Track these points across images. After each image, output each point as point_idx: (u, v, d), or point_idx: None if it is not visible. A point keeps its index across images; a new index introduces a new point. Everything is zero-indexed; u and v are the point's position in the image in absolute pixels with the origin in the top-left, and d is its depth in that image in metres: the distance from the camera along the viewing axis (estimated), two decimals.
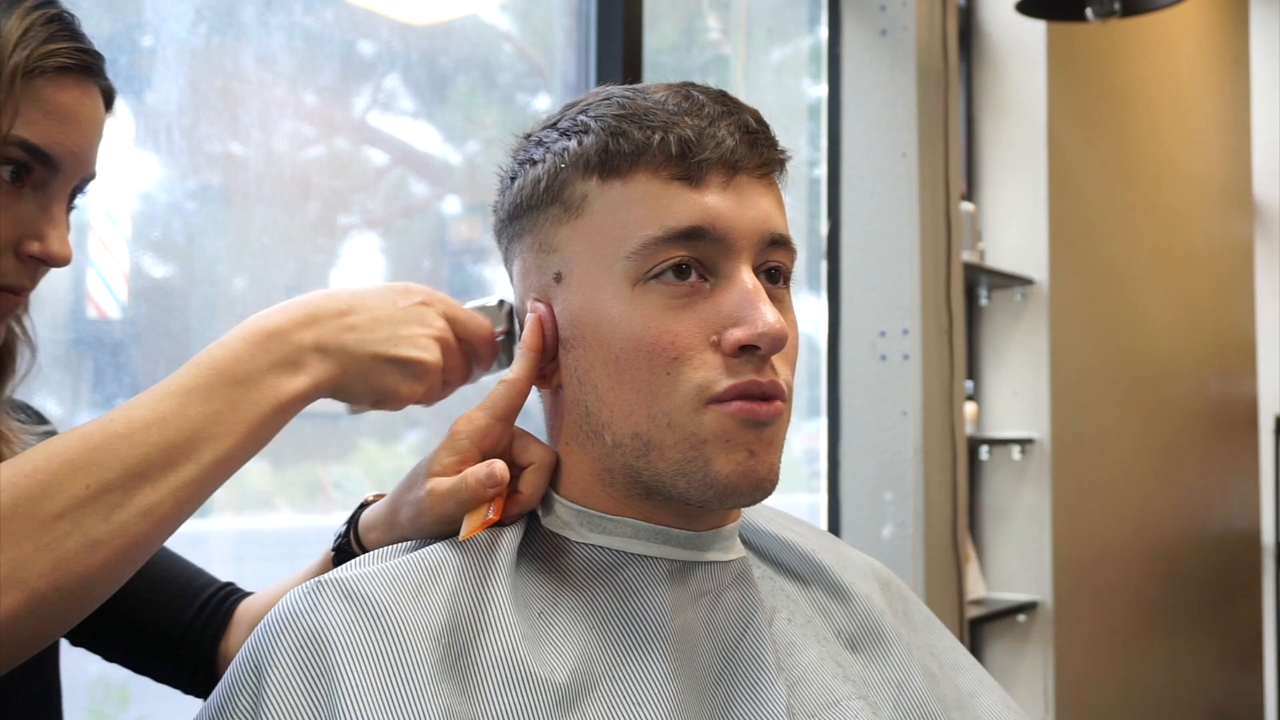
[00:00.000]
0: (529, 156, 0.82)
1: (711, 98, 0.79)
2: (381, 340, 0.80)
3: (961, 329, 2.64)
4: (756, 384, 0.74)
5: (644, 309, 0.75)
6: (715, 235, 0.75)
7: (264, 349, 0.77)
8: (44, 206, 0.81)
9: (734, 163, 0.77)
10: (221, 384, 0.75)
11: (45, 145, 0.79)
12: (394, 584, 0.73)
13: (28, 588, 0.67)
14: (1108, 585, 3.19)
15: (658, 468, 0.76)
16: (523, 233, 0.82)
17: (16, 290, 0.83)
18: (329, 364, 0.78)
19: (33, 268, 0.82)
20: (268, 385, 0.76)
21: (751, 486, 0.76)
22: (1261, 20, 4.70)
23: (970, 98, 2.99)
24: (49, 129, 0.79)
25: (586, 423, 0.78)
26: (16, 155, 0.79)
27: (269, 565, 1.69)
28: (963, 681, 0.90)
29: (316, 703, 0.68)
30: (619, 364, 0.76)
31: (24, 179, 0.80)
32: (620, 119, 0.77)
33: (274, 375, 0.77)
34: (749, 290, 0.75)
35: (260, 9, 1.64)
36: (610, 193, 0.77)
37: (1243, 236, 4.37)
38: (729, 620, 0.79)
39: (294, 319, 0.79)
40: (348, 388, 0.80)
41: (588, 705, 0.72)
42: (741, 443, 0.75)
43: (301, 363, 0.78)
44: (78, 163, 0.82)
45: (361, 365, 0.79)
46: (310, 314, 0.79)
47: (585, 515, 0.80)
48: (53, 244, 0.81)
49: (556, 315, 0.79)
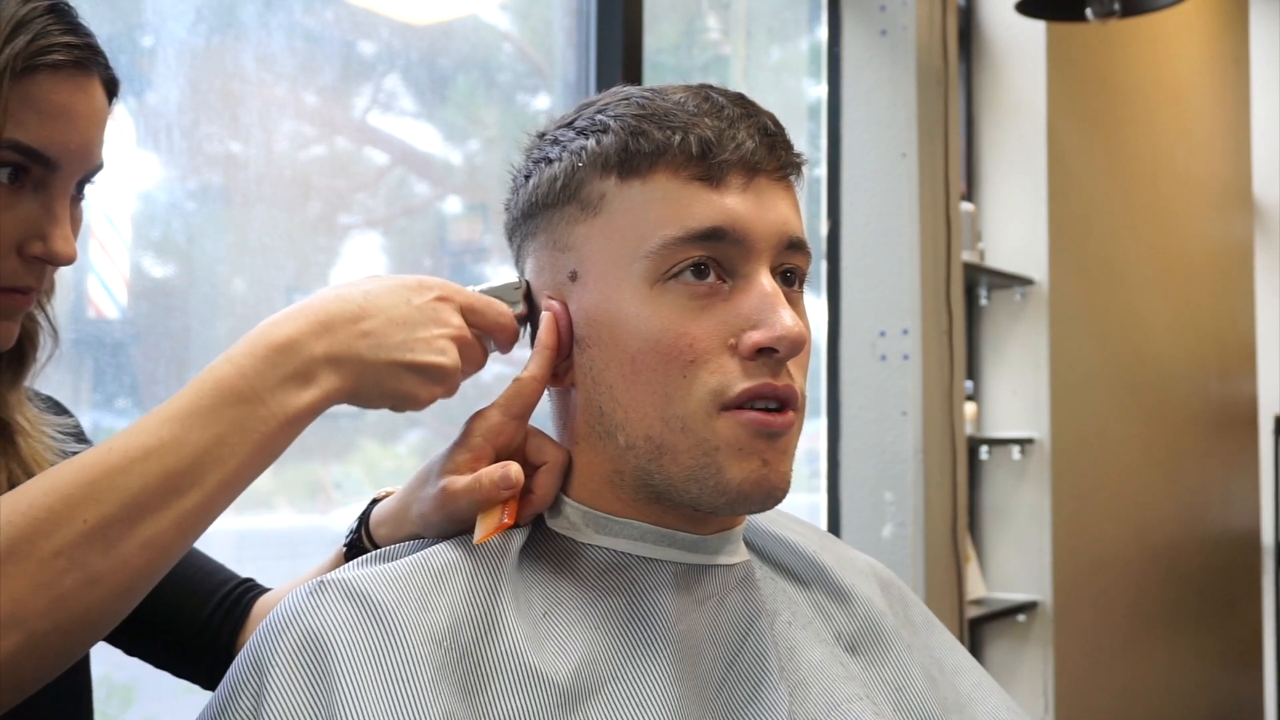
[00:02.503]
0: (544, 155, 0.81)
1: (731, 100, 0.79)
2: (397, 346, 0.76)
3: (961, 329, 2.64)
4: (771, 387, 0.74)
5: (662, 309, 0.75)
6: (735, 236, 0.75)
7: (272, 363, 0.73)
8: (46, 206, 0.80)
9: (754, 165, 0.76)
10: (226, 404, 0.71)
11: (40, 146, 0.78)
12: (397, 585, 0.73)
13: (26, 628, 0.65)
14: (1108, 585, 3.19)
15: (670, 472, 0.76)
16: (537, 231, 0.81)
17: (23, 291, 0.81)
18: (342, 374, 0.74)
19: (38, 268, 0.81)
20: (276, 401, 0.72)
21: (764, 494, 0.75)
22: (1261, 20, 4.70)
23: (970, 98, 2.99)
24: (44, 129, 0.78)
25: (600, 423, 0.78)
26: (11, 158, 0.77)
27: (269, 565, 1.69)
28: (963, 684, 0.90)
29: (317, 703, 0.68)
30: (635, 365, 0.75)
31: (23, 180, 0.79)
32: (640, 119, 0.77)
33: (283, 390, 0.73)
34: (768, 293, 0.75)
35: (260, 9, 1.64)
36: (629, 192, 0.77)
37: (1243, 236, 4.37)
38: (732, 624, 0.79)
39: (305, 328, 0.74)
40: (362, 395, 0.77)
41: (591, 706, 0.72)
42: (755, 451, 0.75)
43: (313, 375, 0.74)
44: (77, 159, 0.81)
45: (377, 373, 0.76)
46: (322, 321, 0.74)
47: (592, 516, 0.80)
48: (55, 243, 0.80)
49: (571, 314, 0.79)
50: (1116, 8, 2.38)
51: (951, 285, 2.56)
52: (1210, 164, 4.04)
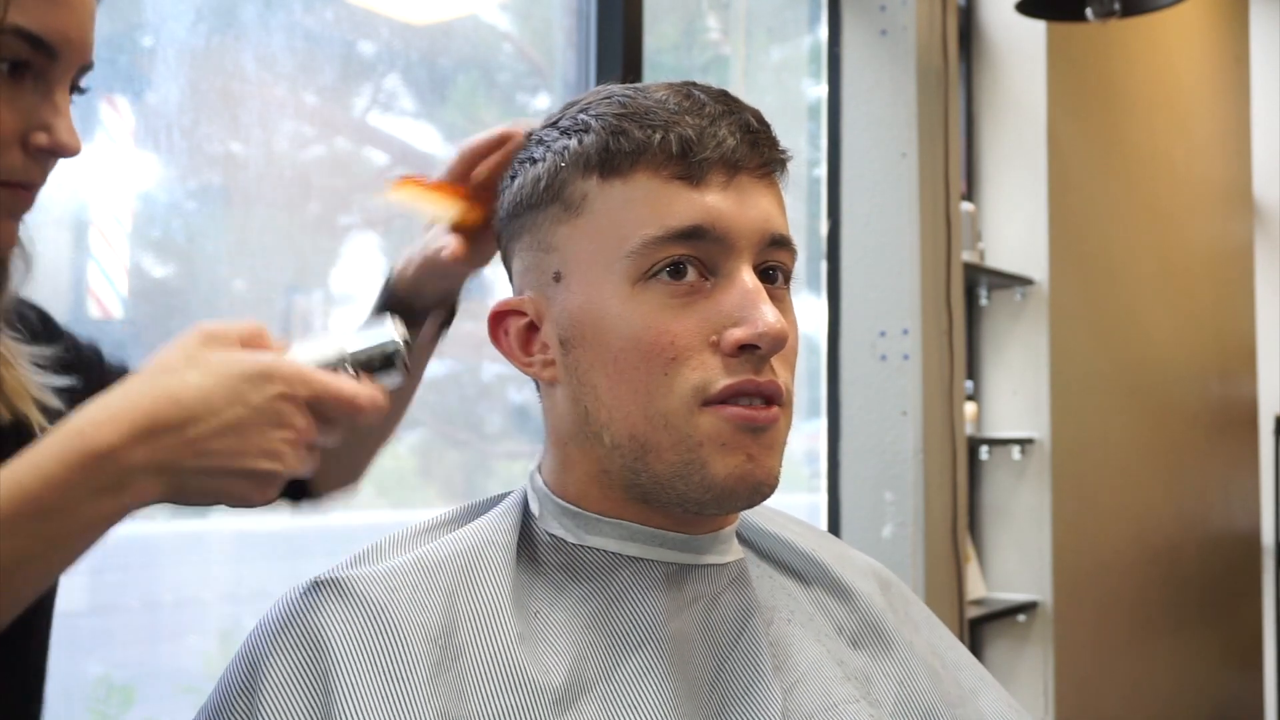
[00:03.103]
0: (529, 155, 0.82)
1: (713, 97, 0.78)
2: (227, 453, 0.69)
3: (961, 329, 2.64)
4: (754, 383, 0.74)
5: (643, 308, 0.75)
6: (716, 235, 0.75)
7: (85, 473, 0.66)
8: (46, 96, 0.78)
9: (735, 162, 0.76)
10: (28, 518, 0.65)
11: (42, 32, 0.76)
12: (391, 584, 0.73)
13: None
14: (1108, 585, 3.19)
15: (655, 470, 0.76)
16: (522, 231, 0.82)
17: (27, 185, 0.79)
18: (160, 483, 0.68)
19: (42, 160, 0.79)
20: (83, 512, 0.66)
21: (749, 490, 0.75)
22: (1261, 20, 4.70)
23: (970, 98, 2.99)
24: (46, 15, 0.76)
25: (586, 423, 0.78)
26: (14, 46, 0.75)
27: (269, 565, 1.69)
28: (964, 679, 0.90)
29: (313, 703, 0.68)
30: (618, 364, 0.75)
31: (23, 72, 0.77)
32: (621, 118, 0.77)
33: (92, 501, 0.66)
34: (749, 290, 0.75)
35: (260, 9, 1.64)
36: (610, 192, 0.77)
37: (1243, 237, 4.37)
38: (725, 623, 0.79)
39: (126, 435, 0.67)
40: (183, 500, 0.71)
41: (582, 706, 0.72)
42: (739, 446, 0.74)
43: (128, 484, 0.67)
44: (75, 49, 0.79)
45: (200, 482, 0.69)
46: (145, 428, 0.67)
47: (582, 517, 0.80)
48: (60, 133, 0.78)
49: (555, 315, 0.79)
50: (1116, 8, 2.38)
51: (951, 285, 2.56)
52: (1210, 164, 4.04)
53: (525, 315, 0.81)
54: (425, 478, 1.99)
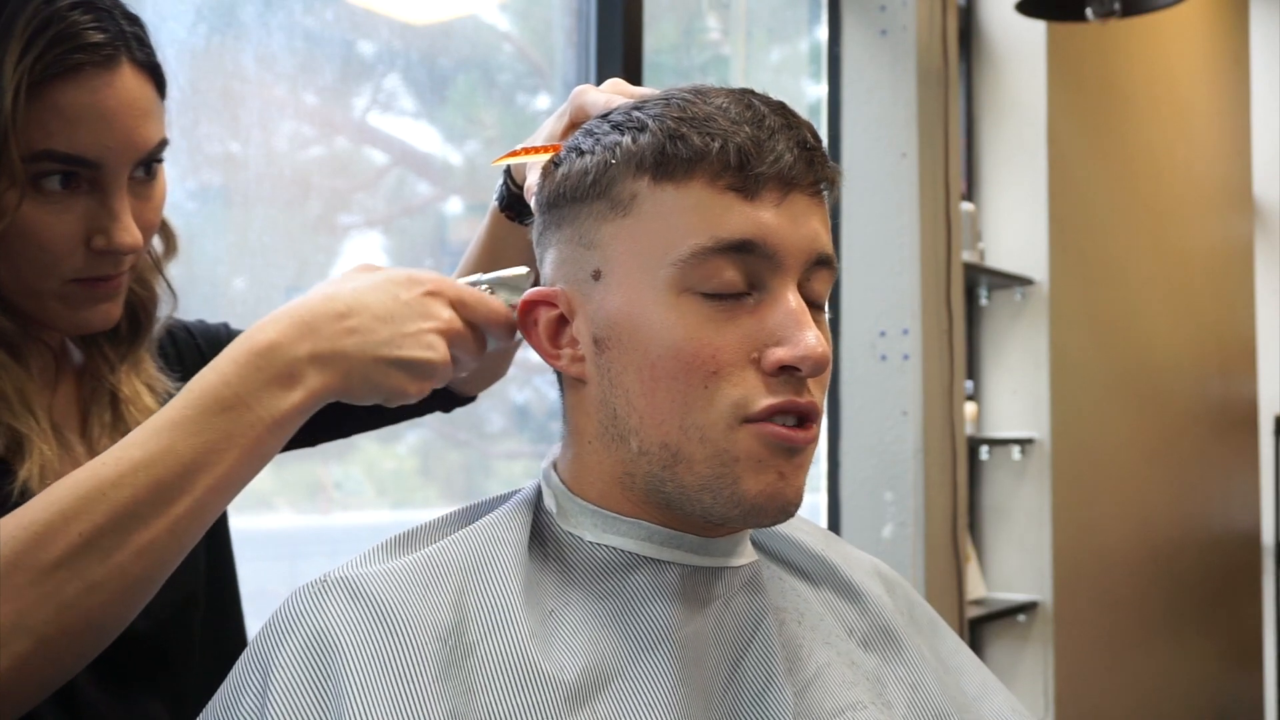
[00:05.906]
0: (576, 145, 0.79)
1: (772, 109, 0.77)
2: (383, 342, 0.76)
3: (961, 329, 2.64)
4: (795, 404, 0.74)
5: (686, 318, 0.74)
6: (766, 250, 0.74)
7: (255, 368, 0.74)
8: (102, 202, 0.82)
9: (790, 179, 0.75)
10: (211, 413, 0.73)
11: (76, 151, 0.79)
12: (400, 583, 0.73)
13: (35, 634, 0.69)
14: (1108, 585, 3.19)
15: (684, 480, 0.75)
16: (562, 222, 0.79)
17: (104, 279, 0.85)
18: (328, 373, 0.75)
19: (110, 257, 0.84)
20: (262, 406, 0.74)
21: (778, 509, 0.75)
22: (1261, 20, 4.70)
23: (970, 98, 2.99)
24: (75, 135, 0.79)
25: (613, 425, 0.77)
26: (51, 168, 0.79)
27: (269, 565, 1.69)
28: (968, 683, 0.90)
29: (323, 703, 0.68)
30: (655, 371, 0.74)
31: (76, 182, 0.81)
32: (680, 121, 0.75)
33: (268, 394, 0.74)
34: (793, 310, 0.74)
35: (260, 9, 1.64)
36: (662, 196, 0.75)
37: (1243, 236, 4.37)
38: (738, 626, 0.79)
39: (288, 330, 0.75)
40: (351, 392, 0.77)
41: (596, 704, 0.72)
42: (772, 465, 0.74)
43: (298, 375, 0.74)
44: (120, 153, 0.82)
45: (364, 369, 0.76)
46: (306, 322, 0.75)
47: (601, 516, 0.79)
48: (116, 236, 0.83)
49: (591, 313, 0.77)
50: (1116, 8, 2.39)
51: (951, 285, 2.56)
52: (1210, 164, 4.04)
53: (556, 308, 0.79)
54: (425, 478, 1.99)
